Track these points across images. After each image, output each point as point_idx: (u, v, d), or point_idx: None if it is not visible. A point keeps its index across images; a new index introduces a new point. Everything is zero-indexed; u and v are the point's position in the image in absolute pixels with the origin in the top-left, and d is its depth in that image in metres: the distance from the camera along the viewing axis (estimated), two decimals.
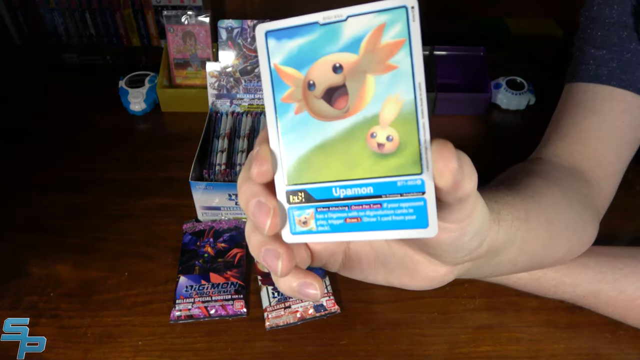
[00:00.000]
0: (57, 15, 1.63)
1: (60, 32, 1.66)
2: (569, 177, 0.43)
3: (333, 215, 0.22)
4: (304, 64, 0.21)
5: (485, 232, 0.27)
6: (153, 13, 1.61)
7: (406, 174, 0.21)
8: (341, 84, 0.21)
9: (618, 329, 0.45)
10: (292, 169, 0.22)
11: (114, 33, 1.66)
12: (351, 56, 0.21)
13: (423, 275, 0.30)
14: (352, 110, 0.21)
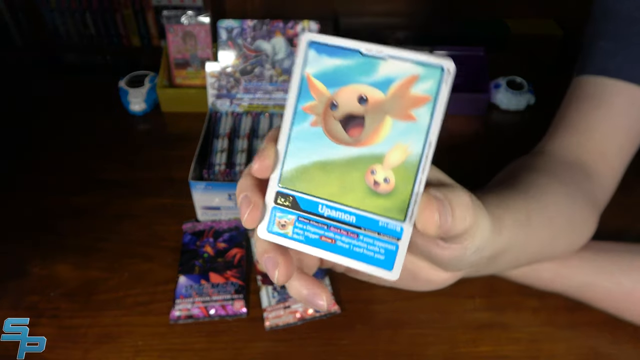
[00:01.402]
0: (57, 15, 1.63)
1: (61, 32, 1.66)
2: (570, 171, 0.43)
3: (311, 229, 0.23)
4: (334, 84, 0.22)
5: (487, 245, 0.28)
6: (153, 13, 1.61)
7: (390, 217, 0.22)
8: (361, 115, 0.22)
9: (618, 328, 0.45)
10: (289, 174, 0.23)
11: (114, 33, 1.66)
12: (379, 93, 0.22)
13: (425, 278, 0.31)
14: (362, 142, 0.22)
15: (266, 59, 0.58)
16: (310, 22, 0.57)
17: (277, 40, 0.58)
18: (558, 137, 0.47)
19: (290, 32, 0.57)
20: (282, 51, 0.58)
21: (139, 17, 1.63)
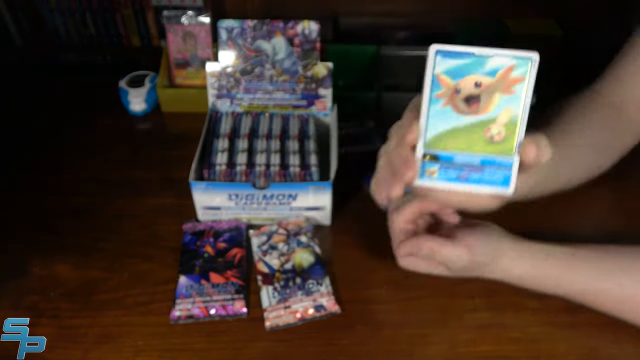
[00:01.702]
0: (57, 15, 1.63)
1: (61, 32, 1.66)
2: (607, 110, 0.51)
3: (450, 172, 0.34)
4: (456, 77, 0.33)
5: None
6: (153, 13, 1.61)
7: (504, 155, 0.34)
8: (477, 95, 0.33)
9: (618, 329, 0.45)
10: (431, 140, 0.34)
11: (114, 33, 1.66)
12: (489, 79, 0.33)
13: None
14: (480, 111, 0.33)
15: (266, 59, 0.58)
16: (311, 22, 0.57)
17: (277, 40, 0.58)
18: (606, 80, 0.53)
19: (291, 32, 0.57)
20: (282, 51, 0.58)
21: (139, 17, 1.63)
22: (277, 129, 0.59)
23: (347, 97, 0.70)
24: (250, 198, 0.52)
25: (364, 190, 0.60)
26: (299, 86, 0.60)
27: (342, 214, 0.57)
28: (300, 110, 0.61)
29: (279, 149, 0.56)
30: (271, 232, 0.53)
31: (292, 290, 0.47)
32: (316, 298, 0.47)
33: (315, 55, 0.58)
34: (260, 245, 0.52)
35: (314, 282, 0.48)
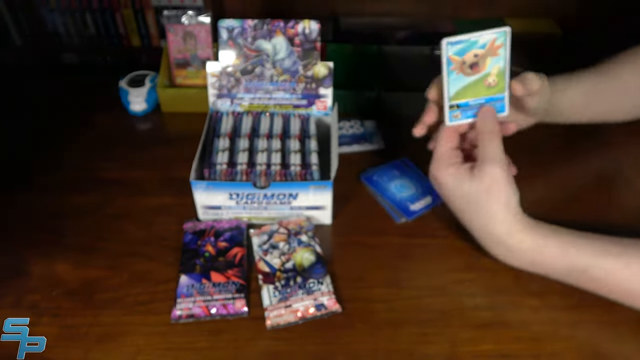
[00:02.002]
0: (57, 15, 1.63)
1: (61, 32, 1.66)
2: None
3: (468, 112, 0.50)
4: (462, 54, 0.47)
5: (550, 99, 0.56)
6: (153, 13, 1.61)
7: (499, 93, 0.49)
8: (477, 62, 0.48)
9: (619, 326, 0.45)
10: (452, 96, 0.49)
11: (114, 33, 1.66)
12: (482, 50, 0.48)
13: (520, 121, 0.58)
14: (479, 71, 0.48)
15: (267, 58, 0.58)
16: (311, 22, 0.57)
17: (277, 39, 0.58)
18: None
19: (291, 32, 0.57)
20: (282, 51, 0.58)
21: (139, 17, 1.63)
22: (277, 128, 0.59)
23: (347, 97, 0.70)
24: (251, 197, 0.52)
25: (364, 190, 0.60)
26: (299, 86, 0.60)
27: (343, 213, 0.57)
28: (300, 110, 0.61)
29: (279, 148, 0.56)
30: (272, 232, 0.53)
31: (292, 290, 0.47)
32: (317, 297, 0.47)
33: (315, 55, 0.58)
34: (261, 244, 0.52)
35: (314, 281, 0.48)
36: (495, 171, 0.46)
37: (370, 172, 0.62)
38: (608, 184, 0.62)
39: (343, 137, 0.67)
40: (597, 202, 0.58)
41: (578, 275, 0.46)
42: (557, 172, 0.63)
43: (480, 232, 0.48)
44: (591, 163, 0.66)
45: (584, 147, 0.67)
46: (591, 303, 0.47)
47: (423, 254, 0.52)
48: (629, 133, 0.67)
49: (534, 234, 0.46)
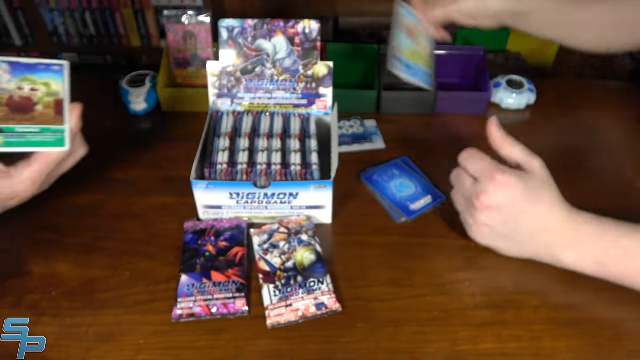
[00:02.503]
0: (57, 15, 1.63)
1: (60, 32, 1.66)
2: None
3: (404, 62, 0.61)
4: (410, 18, 0.64)
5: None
6: (153, 13, 1.61)
7: (426, 69, 0.66)
8: (414, 33, 0.64)
9: (620, 326, 0.45)
10: (397, 51, 0.59)
11: (114, 33, 1.66)
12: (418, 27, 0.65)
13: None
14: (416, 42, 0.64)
15: (267, 58, 0.58)
16: (311, 22, 0.57)
17: (278, 39, 0.58)
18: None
19: (291, 32, 0.57)
20: (282, 50, 0.58)
21: (139, 17, 1.63)
22: (278, 128, 0.59)
23: (347, 97, 0.70)
24: (251, 197, 0.52)
25: (364, 189, 0.60)
26: (299, 85, 0.60)
27: (343, 213, 0.57)
28: (300, 110, 0.61)
29: (279, 148, 0.56)
30: (272, 231, 0.53)
31: (293, 289, 0.47)
32: (317, 296, 0.47)
33: (315, 54, 0.58)
34: (262, 244, 0.52)
35: (315, 280, 0.48)
36: (541, 163, 0.47)
37: (370, 172, 0.62)
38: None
39: (343, 137, 0.67)
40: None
41: (615, 256, 0.45)
42: None
43: (538, 227, 0.47)
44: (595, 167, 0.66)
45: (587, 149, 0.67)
46: (592, 302, 0.47)
47: (423, 254, 0.52)
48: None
49: (583, 214, 0.47)
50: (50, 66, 0.46)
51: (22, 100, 0.46)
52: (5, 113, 0.46)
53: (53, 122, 0.47)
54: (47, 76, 0.47)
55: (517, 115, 0.73)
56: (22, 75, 0.46)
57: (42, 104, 0.46)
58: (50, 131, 0.47)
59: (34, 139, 0.46)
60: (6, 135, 0.46)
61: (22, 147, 0.46)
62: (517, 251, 0.49)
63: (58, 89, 0.47)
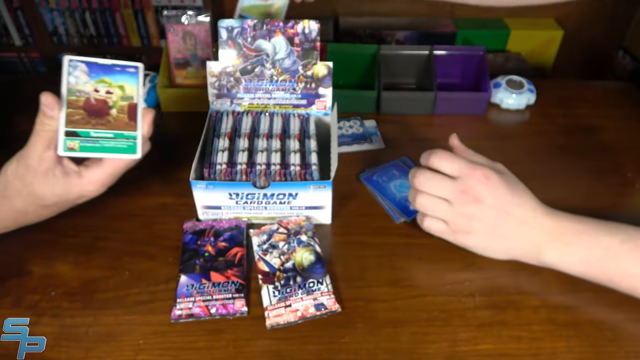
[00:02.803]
0: (57, 15, 1.63)
1: (60, 32, 1.66)
2: None
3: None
4: None
5: None
6: (153, 13, 1.61)
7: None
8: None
9: (619, 327, 0.45)
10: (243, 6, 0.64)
11: (114, 33, 1.66)
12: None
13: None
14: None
15: (266, 58, 0.58)
16: (311, 22, 0.57)
17: (277, 39, 0.58)
18: None
19: (291, 32, 0.57)
20: (282, 51, 0.58)
21: (139, 17, 1.63)
22: (277, 128, 0.59)
23: (347, 97, 0.70)
24: (250, 197, 0.52)
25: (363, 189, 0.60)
26: (299, 86, 0.60)
27: (342, 213, 0.57)
28: (300, 110, 0.61)
29: (279, 148, 0.56)
30: (272, 231, 0.53)
31: (292, 289, 0.47)
32: (317, 297, 0.47)
33: (315, 54, 0.58)
34: (261, 244, 0.52)
35: (314, 280, 0.48)
36: (504, 166, 0.50)
37: (370, 172, 0.62)
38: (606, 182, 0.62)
39: (343, 137, 0.67)
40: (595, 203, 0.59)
41: (615, 252, 0.45)
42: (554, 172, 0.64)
43: (524, 218, 0.47)
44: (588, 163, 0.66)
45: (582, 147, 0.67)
46: (591, 302, 0.47)
47: (423, 254, 0.52)
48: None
49: (561, 212, 0.48)
50: (125, 68, 0.45)
51: (98, 103, 0.45)
52: (82, 116, 0.45)
53: (126, 128, 0.46)
54: (122, 79, 0.45)
55: (517, 116, 0.73)
56: (99, 77, 0.45)
57: (117, 108, 0.45)
58: (123, 137, 0.46)
59: (107, 144, 0.46)
60: (81, 139, 0.45)
61: (96, 152, 0.45)
62: (504, 250, 0.49)
63: (132, 92, 0.46)
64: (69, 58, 0.44)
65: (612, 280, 0.46)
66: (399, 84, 0.78)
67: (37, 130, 0.44)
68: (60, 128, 0.44)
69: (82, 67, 0.44)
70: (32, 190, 0.46)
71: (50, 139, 0.44)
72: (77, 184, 0.46)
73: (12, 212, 0.48)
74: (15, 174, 0.45)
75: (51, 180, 0.46)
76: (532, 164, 0.62)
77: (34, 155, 0.45)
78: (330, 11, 1.49)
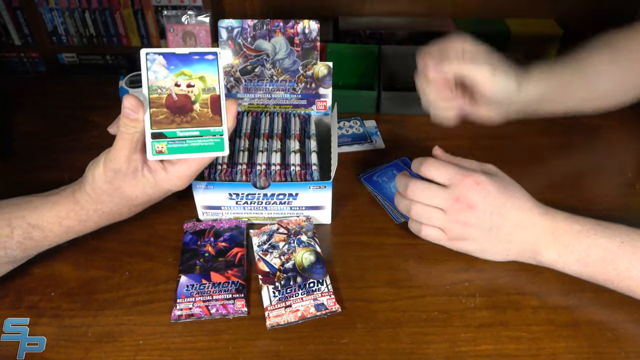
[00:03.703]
0: (57, 15, 1.62)
1: (60, 32, 1.65)
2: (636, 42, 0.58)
3: None
4: None
5: (513, 96, 0.53)
6: (153, 13, 1.61)
7: None
8: None
9: (618, 327, 0.45)
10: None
11: (114, 33, 1.66)
12: None
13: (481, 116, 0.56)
14: None
15: (266, 58, 0.58)
16: (311, 22, 0.57)
17: (277, 39, 0.58)
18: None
19: (291, 32, 0.57)
20: (282, 51, 0.58)
21: (139, 17, 1.63)
22: (277, 128, 0.59)
23: (347, 97, 0.70)
24: (250, 197, 0.52)
25: (364, 189, 0.60)
26: (299, 86, 0.60)
27: (342, 213, 0.57)
28: (300, 110, 0.61)
29: (279, 148, 0.56)
30: (272, 232, 0.53)
31: (292, 289, 0.47)
32: (317, 297, 0.47)
33: (315, 54, 0.58)
34: (261, 244, 0.52)
35: (314, 281, 0.48)
36: (496, 167, 0.51)
37: (370, 172, 0.62)
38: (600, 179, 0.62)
39: (343, 137, 0.67)
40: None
41: (614, 251, 0.45)
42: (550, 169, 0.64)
43: (520, 220, 0.47)
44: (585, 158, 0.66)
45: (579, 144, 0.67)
46: (591, 303, 0.47)
47: (423, 254, 0.52)
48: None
49: (559, 211, 0.49)
50: (203, 56, 0.42)
51: (180, 99, 0.42)
52: (165, 115, 0.42)
53: (211, 123, 0.42)
54: (202, 68, 0.42)
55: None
56: (178, 69, 0.42)
57: (199, 102, 0.42)
58: (209, 134, 0.42)
59: (194, 143, 0.42)
60: (169, 140, 0.42)
61: (184, 153, 0.42)
62: (503, 252, 0.49)
63: (213, 82, 0.42)
64: (145, 51, 0.41)
65: (610, 281, 0.46)
66: (398, 84, 0.77)
67: (121, 133, 0.42)
68: (146, 130, 0.42)
69: (160, 60, 0.41)
70: (123, 193, 0.45)
71: (136, 142, 0.42)
72: (166, 180, 0.45)
73: (107, 215, 0.47)
74: (104, 179, 0.44)
75: (140, 181, 0.45)
76: (532, 164, 0.61)
77: (121, 159, 0.43)
78: (330, 11, 1.49)
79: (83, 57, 1.73)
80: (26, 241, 0.46)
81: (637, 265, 0.44)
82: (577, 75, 0.57)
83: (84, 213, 0.46)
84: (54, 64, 1.69)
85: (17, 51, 1.67)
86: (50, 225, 0.46)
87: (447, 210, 0.48)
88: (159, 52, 0.41)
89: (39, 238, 0.46)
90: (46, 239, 0.46)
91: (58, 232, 0.46)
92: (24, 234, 0.45)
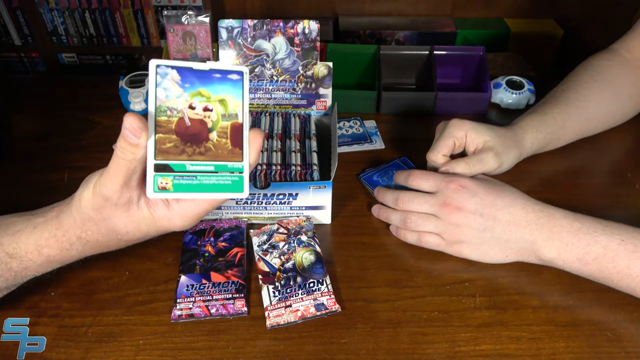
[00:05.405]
0: (57, 15, 1.62)
1: (60, 32, 1.66)
2: (624, 69, 0.62)
3: None
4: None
5: (515, 160, 0.57)
6: (153, 13, 1.61)
7: None
8: None
9: (618, 327, 0.45)
10: None
11: (114, 33, 1.66)
12: None
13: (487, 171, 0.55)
14: None
15: (266, 58, 0.58)
16: (311, 22, 0.57)
17: (277, 39, 0.58)
18: (627, 39, 0.65)
19: (291, 32, 0.57)
20: (282, 51, 0.58)
21: (139, 17, 1.63)
22: (277, 128, 0.59)
23: (347, 97, 0.70)
24: (250, 197, 0.52)
25: (364, 189, 0.60)
26: (299, 86, 0.60)
27: (342, 213, 0.57)
28: (300, 110, 0.61)
29: (279, 148, 0.56)
30: (272, 232, 0.53)
31: (292, 289, 0.47)
32: (317, 297, 0.47)
33: (315, 54, 0.58)
34: (261, 244, 0.52)
35: (314, 281, 0.48)
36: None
37: (370, 172, 0.62)
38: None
39: (343, 137, 0.67)
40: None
41: (614, 250, 0.45)
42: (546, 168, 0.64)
43: (514, 219, 0.48)
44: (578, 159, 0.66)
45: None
46: (591, 303, 0.47)
47: (423, 254, 0.52)
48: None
49: (557, 208, 0.49)
50: (226, 74, 0.35)
51: (194, 124, 0.34)
52: (174, 143, 0.34)
53: (229, 158, 0.35)
54: (223, 89, 0.35)
55: (517, 115, 0.72)
56: (194, 89, 0.34)
57: (217, 130, 0.35)
58: (226, 170, 0.35)
59: (207, 181, 0.35)
60: (175, 175, 0.34)
61: (193, 192, 0.35)
62: (501, 252, 0.49)
63: (236, 108, 0.35)
64: (156, 63, 0.34)
65: (610, 279, 0.46)
66: (399, 84, 0.78)
67: (117, 158, 0.35)
68: (148, 160, 0.34)
69: (172, 75, 0.34)
70: (112, 225, 0.38)
71: (133, 170, 0.35)
72: (166, 219, 0.38)
73: (93, 245, 0.41)
74: (92, 205, 0.37)
75: (134, 215, 0.38)
76: (532, 164, 0.61)
77: (112, 188, 0.36)
78: (330, 11, 1.49)
79: (83, 57, 1.73)
80: (5, 273, 0.40)
81: (636, 263, 0.44)
82: (570, 115, 0.60)
83: (66, 240, 0.40)
84: (54, 64, 1.70)
85: (17, 51, 1.67)
86: (29, 255, 0.40)
87: (438, 215, 0.50)
88: (173, 66, 0.34)
89: (19, 269, 0.41)
90: (27, 270, 0.41)
91: (39, 261, 0.41)
92: (2, 265, 0.40)
